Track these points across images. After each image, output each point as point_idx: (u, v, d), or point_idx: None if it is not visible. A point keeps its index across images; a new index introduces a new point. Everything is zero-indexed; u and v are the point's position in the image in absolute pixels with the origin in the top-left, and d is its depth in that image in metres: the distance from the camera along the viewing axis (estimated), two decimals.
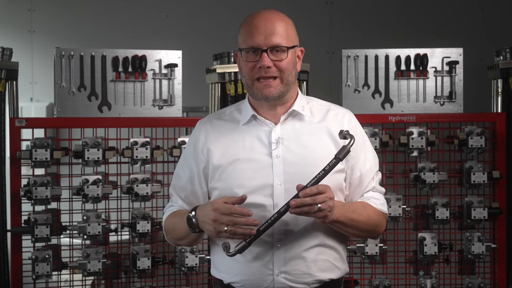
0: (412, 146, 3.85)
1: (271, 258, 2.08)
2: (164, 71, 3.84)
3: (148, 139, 3.74)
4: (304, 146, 2.12)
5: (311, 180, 1.98)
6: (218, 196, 2.13)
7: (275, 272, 2.08)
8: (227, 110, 2.25)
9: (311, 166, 2.05)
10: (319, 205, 1.95)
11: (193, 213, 2.06)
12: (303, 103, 2.19)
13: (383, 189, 2.27)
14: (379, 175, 2.26)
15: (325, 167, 2.00)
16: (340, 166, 2.07)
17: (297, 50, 2.16)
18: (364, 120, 3.67)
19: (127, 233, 3.79)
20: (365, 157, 2.20)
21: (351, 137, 2.05)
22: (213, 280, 2.23)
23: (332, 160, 2.01)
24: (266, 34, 2.07)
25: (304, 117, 2.17)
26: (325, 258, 2.12)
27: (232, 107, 2.26)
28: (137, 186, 3.70)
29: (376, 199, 2.21)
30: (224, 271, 2.15)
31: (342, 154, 2.02)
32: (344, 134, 2.07)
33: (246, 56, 2.10)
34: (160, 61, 3.83)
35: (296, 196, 1.96)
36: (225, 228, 1.96)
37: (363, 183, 2.19)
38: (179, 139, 3.80)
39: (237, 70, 3.88)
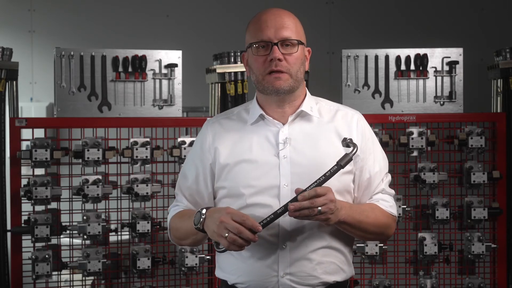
0: (412, 146, 3.84)
1: (276, 259, 2.06)
2: (164, 71, 3.84)
3: (148, 139, 3.74)
4: (312, 147, 2.10)
5: (311, 184, 1.95)
6: (225, 195, 2.12)
7: (280, 273, 2.06)
8: (235, 110, 2.24)
9: (318, 167, 2.03)
10: (319, 208, 1.92)
11: (204, 210, 2.02)
12: (312, 103, 2.18)
13: (392, 191, 2.24)
14: (389, 177, 2.24)
15: (326, 172, 1.97)
16: (348, 167, 2.06)
17: (305, 49, 2.15)
18: None
19: (127, 233, 3.79)
20: (375, 159, 2.18)
21: (354, 145, 2.03)
22: (218, 282, 2.21)
23: (333, 166, 1.99)
24: (276, 28, 2.07)
25: (312, 118, 2.15)
26: (331, 261, 2.10)
27: (240, 107, 2.25)
28: (137, 186, 3.70)
29: (385, 201, 2.20)
30: (229, 271, 2.13)
31: (343, 162, 2.00)
32: (347, 142, 2.05)
33: (256, 51, 2.09)
34: (160, 61, 3.83)
35: (295, 200, 1.94)
36: (227, 234, 1.91)
37: (372, 185, 2.17)
38: (179, 139, 3.80)
39: (237, 70, 3.88)
